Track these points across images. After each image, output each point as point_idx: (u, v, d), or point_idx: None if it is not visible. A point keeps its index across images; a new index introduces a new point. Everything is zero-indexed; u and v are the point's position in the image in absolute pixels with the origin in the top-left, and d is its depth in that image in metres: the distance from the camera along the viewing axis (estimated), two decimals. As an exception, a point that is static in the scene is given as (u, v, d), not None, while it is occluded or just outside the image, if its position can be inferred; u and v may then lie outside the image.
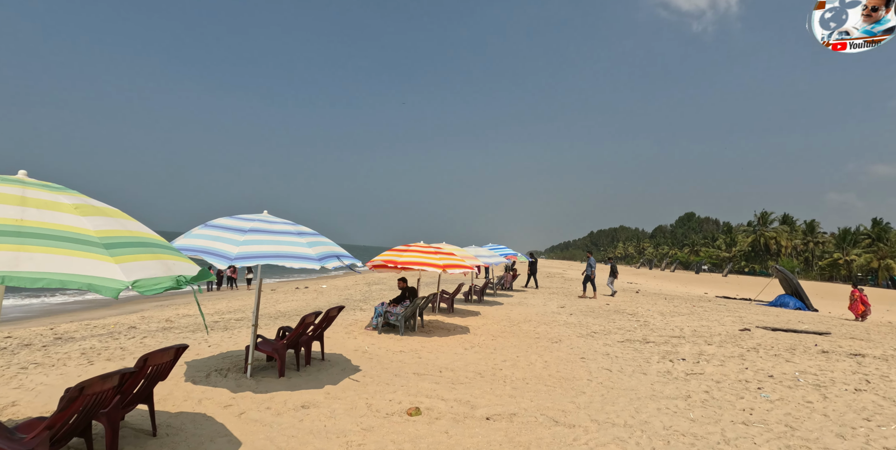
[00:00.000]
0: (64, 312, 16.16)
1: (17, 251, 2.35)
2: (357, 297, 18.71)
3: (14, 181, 3.04)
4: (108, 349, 7.57)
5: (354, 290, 22.80)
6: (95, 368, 6.32)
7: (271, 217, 6.14)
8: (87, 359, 6.83)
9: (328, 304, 16.02)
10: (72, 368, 6.32)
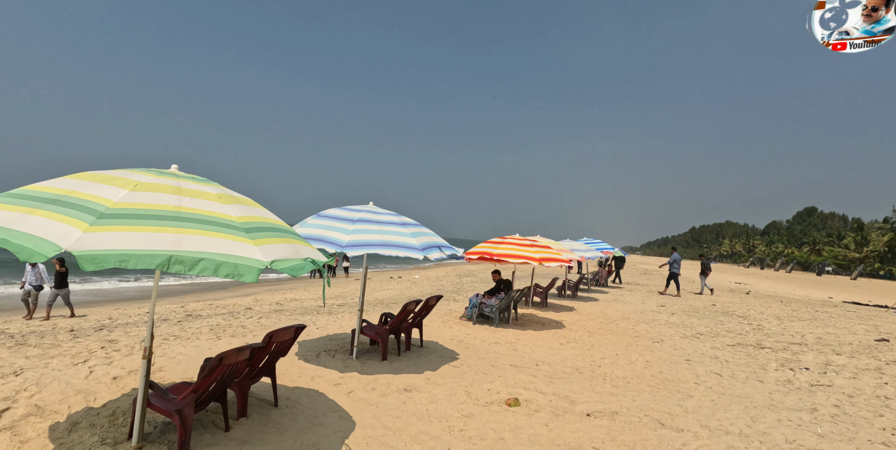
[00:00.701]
0: (189, 293, 18.10)
1: (178, 234, 2.67)
2: (449, 288, 19.07)
3: (169, 174, 3.45)
4: (231, 327, 8.38)
5: (446, 281, 23.25)
6: (222, 342, 7.04)
7: (376, 208, 6.43)
8: (216, 334, 7.62)
9: (422, 294, 16.49)
10: (203, 341, 7.08)
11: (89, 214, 2.61)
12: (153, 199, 2.92)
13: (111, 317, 10.52)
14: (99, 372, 5.33)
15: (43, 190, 2.93)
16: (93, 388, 4.84)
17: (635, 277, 27.94)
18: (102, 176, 3.15)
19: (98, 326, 8.80)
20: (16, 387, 4.74)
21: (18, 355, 5.93)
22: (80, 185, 2.98)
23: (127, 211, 2.72)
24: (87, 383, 4.95)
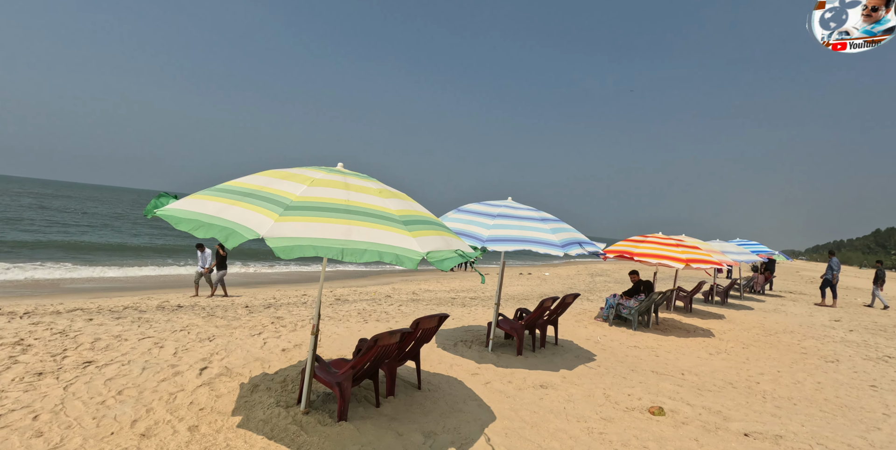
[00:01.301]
0: (334, 280, 19.88)
1: (348, 225, 2.97)
2: (581, 287, 18.51)
3: (337, 171, 3.84)
4: (375, 312, 9.07)
5: (577, 279, 22.60)
6: (369, 325, 7.65)
7: (515, 203, 6.47)
8: (363, 318, 8.31)
9: (552, 291, 16.23)
10: (353, 323, 7.76)
11: (278, 206, 3.01)
12: (327, 193, 3.28)
13: (275, 297, 11.99)
14: (271, 344, 6.13)
15: (241, 185, 3.44)
16: (267, 356, 5.58)
17: (800, 286, 24.48)
18: (285, 173, 3.61)
19: (266, 304, 10.10)
20: (210, 350, 5.65)
21: (210, 324, 7.06)
22: (269, 181, 3.44)
23: (307, 204, 3.09)
24: (262, 352, 5.73)
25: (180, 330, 6.51)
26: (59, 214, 41.73)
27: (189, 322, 7.11)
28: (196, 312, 8.35)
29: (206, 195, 3.34)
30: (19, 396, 4.04)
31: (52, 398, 4.04)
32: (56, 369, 4.67)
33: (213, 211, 3.09)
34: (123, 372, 4.73)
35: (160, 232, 35.10)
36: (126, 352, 5.34)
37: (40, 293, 11.88)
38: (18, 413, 3.73)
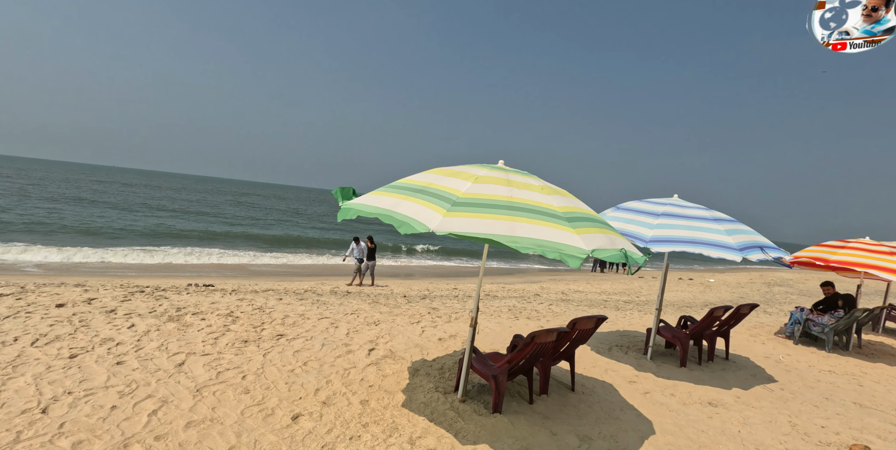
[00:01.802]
0: (457, 276, 20.30)
1: (512, 221, 3.02)
2: (755, 297, 16.38)
3: (498, 168, 3.91)
4: (525, 309, 9.08)
5: (749, 288, 20.04)
6: (520, 322, 7.68)
7: (682, 201, 5.95)
8: (513, 314, 8.38)
9: (719, 300, 14.63)
10: (504, 319, 7.87)
11: (446, 202, 3.17)
12: (490, 190, 3.36)
13: (428, 289, 12.68)
14: (428, 332, 6.50)
15: (412, 182, 3.70)
16: (425, 344, 5.93)
17: None
18: (451, 171, 3.78)
19: (422, 295, 10.73)
20: (376, 334, 6.18)
21: (375, 310, 7.72)
22: (437, 178, 3.64)
23: (472, 200, 3.20)
24: (421, 340, 6.11)
25: (351, 313, 7.23)
26: (250, 209, 49.22)
27: (358, 307, 7.87)
28: (362, 298, 9.20)
29: (383, 192, 3.66)
30: (231, 358, 4.86)
31: (254, 363, 4.78)
32: (257, 339, 5.52)
33: (388, 205, 3.38)
34: (307, 346, 5.41)
35: (328, 227, 39.35)
36: (308, 329, 6.10)
37: (240, 275, 14.15)
38: (231, 372, 4.49)
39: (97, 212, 29.84)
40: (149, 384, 4.07)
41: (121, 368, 4.36)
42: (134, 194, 49.50)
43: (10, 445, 3.03)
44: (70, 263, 14.48)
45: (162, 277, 12.55)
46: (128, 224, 25.17)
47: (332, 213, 55.93)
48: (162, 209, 36.50)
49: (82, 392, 3.81)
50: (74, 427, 3.30)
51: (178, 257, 17.15)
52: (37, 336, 5.02)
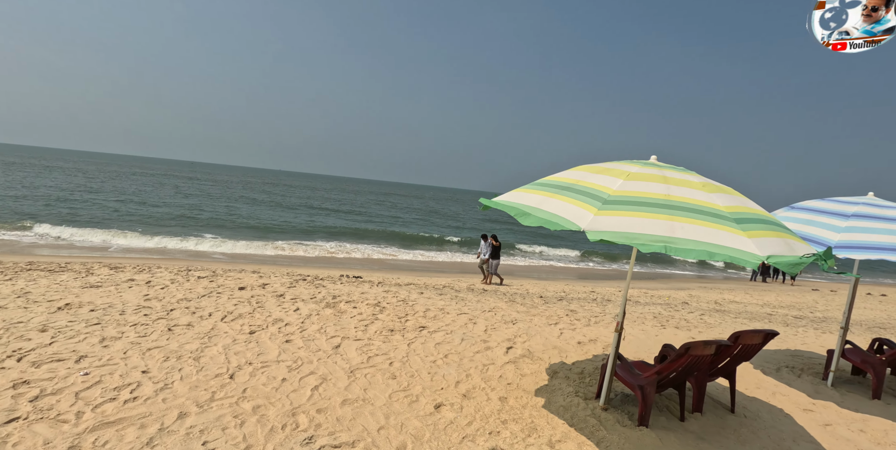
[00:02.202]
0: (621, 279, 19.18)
1: (671, 221, 2.79)
2: (978, 322, 13.18)
3: (651, 164, 3.65)
4: (673, 318, 8.39)
5: (970, 311, 16.19)
6: (667, 331, 7.12)
7: (880, 200, 5.00)
8: (659, 322, 7.79)
9: (926, 323, 12.03)
10: (648, 327, 7.35)
11: (596, 200, 3.04)
12: (644, 187, 3.15)
13: (564, 290, 12.35)
14: (567, 335, 6.32)
15: (558, 180, 3.62)
16: (564, 346, 5.78)
17: None
18: (599, 168, 3.62)
19: (558, 296, 10.49)
20: (514, 332, 6.18)
21: (512, 309, 7.73)
22: (585, 175, 3.52)
23: (625, 198, 3.03)
24: (559, 342, 5.96)
25: (488, 311, 7.33)
26: (391, 208, 52.46)
27: (495, 305, 7.96)
28: (499, 296, 9.27)
29: (528, 189, 3.64)
30: (380, 345, 5.21)
31: (400, 351, 5.08)
32: (402, 329, 5.86)
33: (534, 202, 3.34)
34: (447, 340, 5.60)
35: (462, 225, 40.36)
36: (448, 323, 6.31)
37: (383, 269, 15.16)
38: (380, 358, 4.82)
39: (265, 210, 34.25)
40: (311, 362, 4.54)
41: (289, 345, 4.93)
42: (295, 195, 55.89)
43: (207, 402, 3.60)
44: (246, 253, 16.80)
45: (318, 267, 13.96)
46: (288, 221, 28.49)
47: (464, 212, 57.37)
48: (317, 208, 40.67)
49: (259, 364, 4.38)
50: (254, 393, 3.81)
51: (328, 251, 18.94)
52: (225, 313, 5.90)
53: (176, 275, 8.45)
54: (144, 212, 25.29)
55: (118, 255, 13.96)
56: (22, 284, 6.89)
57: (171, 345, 4.65)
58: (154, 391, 3.66)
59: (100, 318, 5.36)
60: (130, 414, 3.31)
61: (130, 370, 4.00)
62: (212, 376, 4.02)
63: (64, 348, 4.37)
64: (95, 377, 3.81)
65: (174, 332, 5.05)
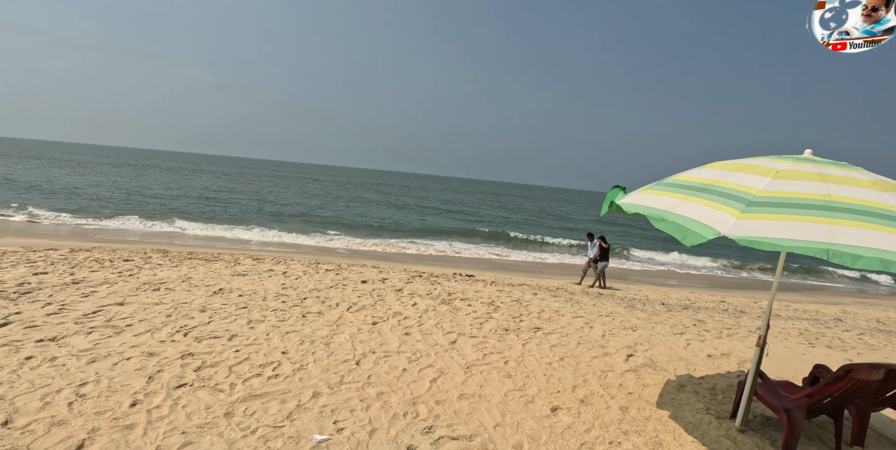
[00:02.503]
0: (757, 289, 17.28)
1: (831, 224, 2.46)
2: None
3: (806, 160, 3.24)
4: (824, 336, 7.39)
5: None
6: (817, 350, 6.29)
7: None
8: (807, 340, 6.91)
9: None
10: (793, 343, 6.56)
11: (738, 202, 2.78)
12: (798, 187, 2.81)
13: (689, 299, 11.43)
14: (694, 346, 5.86)
15: (691, 179, 3.36)
16: (691, 359, 5.36)
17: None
18: (739, 165, 3.30)
19: (683, 304, 9.75)
20: (634, 339, 5.87)
21: (631, 315, 7.35)
22: (722, 174, 3.22)
23: (774, 199, 2.73)
24: (685, 353, 5.54)
25: (605, 315, 7.04)
26: (500, 209, 52.44)
27: (612, 309, 7.62)
28: (616, 301, 8.86)
29: (657, 190, 3.41)
30: (494, 343, 5.25)
31: (514, 350, 5.07)
32: (516, 329, 5.85)
33: (666, 206, 3.12)
34: (563, 342, 5.48)
35: (573, 226, 39.13)
36: (563, 325, 6.17)
37: (494, 268, 15.21)
38: (495, 356, 4.85)
39: (381, 209, 36.11)
40: (429, 355, 4.70)
41: (408, 338, 5.16)
42: (408, 195, 58.21)
43: (337, 384, 3.89)
44: (364, 249, 17.86)
45: (431, 265, 14.41)
46: (402, 220, 29.76)
47: (575, 213, 55.52)
48: (429, 208, 42.00)
49: (382, 353, 4.64)
50: (377, 380, 4.04)
51: (439, 249, 19.45)
52: (350, 304, 6.32)
53: (307, 267, 9.25)
54: (277, 210, 28.03)
55: (257, 248, 15.60)
56: (185, 271, 7.99)
57: (305, 330, 5.10)
58: (292, 371, 4.04)
59: (246, 302, 6.04)
60: (273, 389, 3.69)
61: (272, 350, 4.46)
62: (340, 361, 4.34)
63: (219, 327, 4.99)
64: (244, 354, 4.31)
65: (307, 318, 5.53)
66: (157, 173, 51.24)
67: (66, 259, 8.74)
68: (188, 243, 15.07)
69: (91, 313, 5.12)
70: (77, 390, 3.40)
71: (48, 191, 26.11)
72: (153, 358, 4.06)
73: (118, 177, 40.38)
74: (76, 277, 6.94)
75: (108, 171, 47.45)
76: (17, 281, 6.45)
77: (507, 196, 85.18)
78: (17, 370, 3.63)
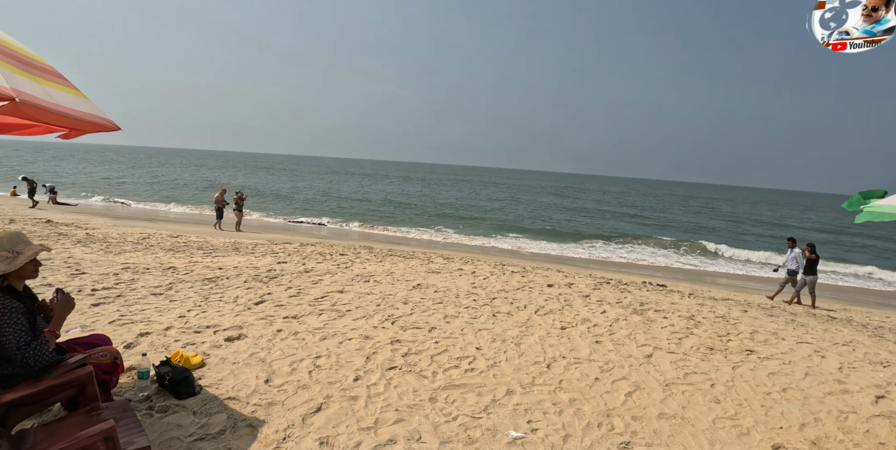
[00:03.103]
0: None
1: None
2: None
3: None
4: None
5: None
6: None
7: None
8: None
9: None
10: None
11: None
12: None
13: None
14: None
15: None
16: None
17: None
18: None
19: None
20: (885, 378, 4.76)
21: (880, 347, 5.98)
22: None
23: None
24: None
25: (842, 344, 5.84)
26: (696, 214, 47.18)
27: (852, 338, 6.29)
28: (855, 327, 7.31)
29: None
30: (697, 362, 4.76)
31: (722, 373, 4.52)
32: (723, 349, 5.21)
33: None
34: (785, 371, 4.71)
35: (785, 234, 33.32)
36: (785, 351, 5.30)
37: (689, 279, 13.76)
38: (699, 377, 4.39)
39: (560, 213, 35.50)
40: (622, 367, 4.48)
41: (599, 346, 4.99)
42: (588, 198, 56.19)
43: (529, 385, 3.94)
44: (544, 253, 17.77)
45: (617, 271, 13.68)
46: (581, 224, 28.83)
47: (789, 218, 46.91)
48: (609, 211, 39.92)
49: (572, 359, 4.56)
50: (569, 386, 3.99)
51: (622, 256, 18.33)
52: (537, 307, 6.36)
53: (493, 268, 9.58)
54: (461, 214, 29.61)
55: (442, 249, 16.68)
56: (388, 266, 8.93)
57: (496, 329, 5.29)
58: (486, 367, 4.22)
59: (441, 298, 6.50)
60: (470, 382, 3.91)
61: (467, 345, 4.72)
62: (531, 363, 4.40)
63: (420, 319, 5.46)
64: (443, 346, 4.64)
65: (497, 318, 5.73)
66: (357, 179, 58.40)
67: (298, 252, 10.49)
68: (386, 242, 16.84)
69: (320, 298, 6.06)
70: (314, 362, 4.05)
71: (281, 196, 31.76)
72: (369, 341, 4.63)
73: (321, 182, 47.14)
74: (307, 266, 8.29)
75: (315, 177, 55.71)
76: (267, 268, 7.96)
77: (702, 198, 76.48)
78: (272, 339, 4.48)
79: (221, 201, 16.10)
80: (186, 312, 5.13)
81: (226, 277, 7.00)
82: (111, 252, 8.81)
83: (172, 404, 3.17)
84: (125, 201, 25.32)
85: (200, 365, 3.78)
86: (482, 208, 33.45)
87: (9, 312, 2.37)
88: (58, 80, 2.60)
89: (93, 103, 2.78)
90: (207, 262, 8.34)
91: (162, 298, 5.65)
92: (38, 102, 1.92)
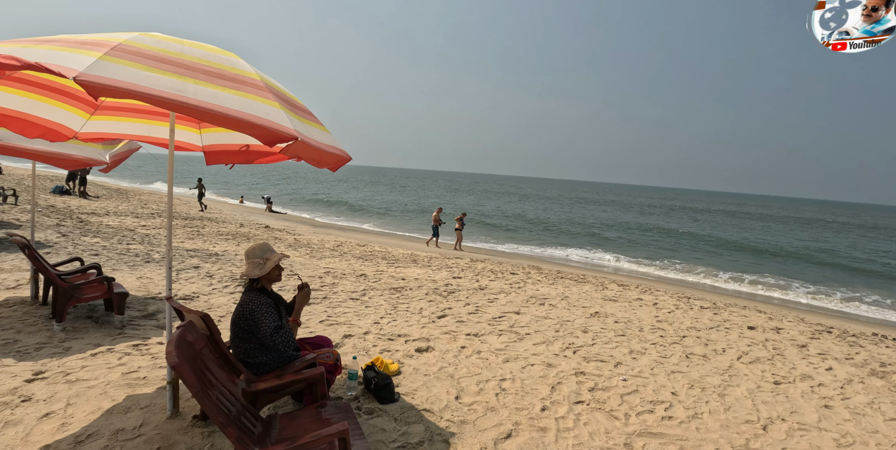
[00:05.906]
0: None
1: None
2: None
3: None
4: None
5: None
6: None
7: None
8: None
9: None
10: None
11: None
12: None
13: None
14: None
15: None
16: None
17: None
18: None
19: None
20: None
21: None
22: None
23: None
24: None
25: None
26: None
27: None
28: None
29: None
30: None
31: None
32: None
33: None
34: None
35: None
36: None
37: None
38: None
39: (746, 236, 31.04)
40: (866, 444, 3.63)
41: (829, 412, 4.13)
42: (772, 220, 48.37)
43: (742, 447, 3.40)
44: (725, 287, 15.64)
45: (833, 318, 11.40)
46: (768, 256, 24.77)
47: None
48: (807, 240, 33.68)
49: (796, 424, 3.83)
50: (797, 458, 3.34)
51: (815, 296, 15.20)
52: (740, 353, 5.55)
53: (678, 301, 8.69)
54: (629, 238, 27.76)
55: (611, 273, 15.72)
56: (561, 289, 8.68)
57: (692, 373, 4.72)
58: (687, 417, 3.76)
59: (623, 330, 6.06)
60: (669, 432, 3.51)
61: (660, 388, 4.28)
62: (742, 421, 3.80)
63: (602, 351, 5.14)
64: (632, 386, 4.27)
65: (691, 360, 5.12)
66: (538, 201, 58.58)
67: (470, 268, 10.79)
68: (560, 262, 16.50)
69: (498, 317, 6.10)
70: (499, 384, 4.04)
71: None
72: (552, 369, 4.48)
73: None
74: (480, 284, 8.46)
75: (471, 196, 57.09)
76: (444, 282, 8.32)
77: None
78: (457, 355, 4.60)
79: (438, 220, 17.32)
80: (380, 319, 5.56)
81: (409, 287, 7.47)
82: (314, 256, 10.07)
83: (376, 407, 3.40)
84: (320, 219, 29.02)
85: (397, 373, 4.03)
86: (650, 229, 30.99)
87: (265, 306, 2.82)
88: (310, 118, 3.00)
89: (333, 137, 3.15)
90: (392, 271, 9.03)
91: (358, 303, 6.22)
92: (307, 140, 2.20)
